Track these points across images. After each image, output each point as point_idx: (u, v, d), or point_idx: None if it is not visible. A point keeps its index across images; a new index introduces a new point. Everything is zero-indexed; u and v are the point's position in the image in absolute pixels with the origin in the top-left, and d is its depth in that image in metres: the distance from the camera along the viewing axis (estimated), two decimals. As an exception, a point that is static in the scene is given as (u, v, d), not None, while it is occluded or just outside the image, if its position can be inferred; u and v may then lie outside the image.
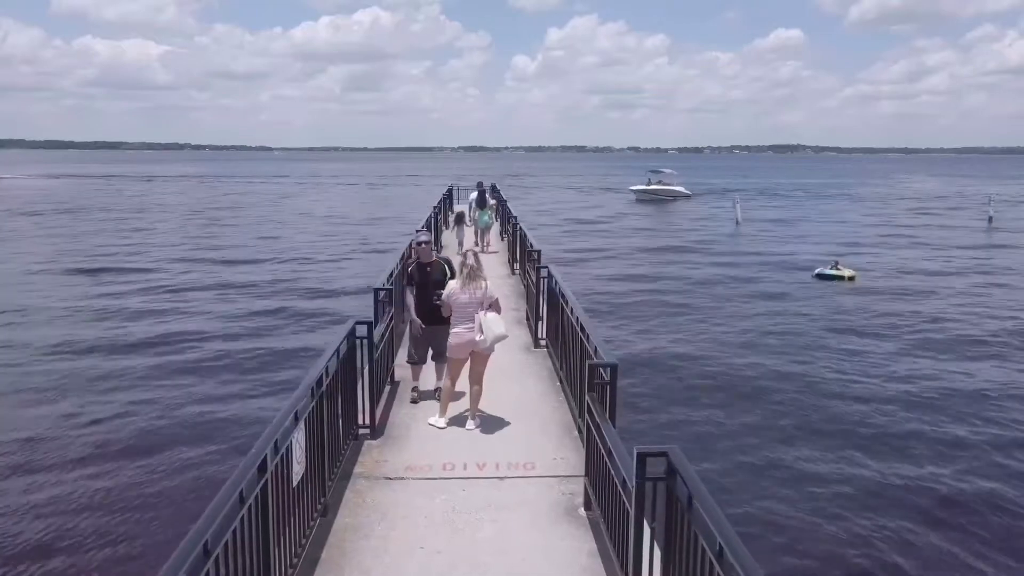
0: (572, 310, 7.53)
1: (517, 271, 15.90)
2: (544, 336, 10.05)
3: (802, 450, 12.31)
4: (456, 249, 16.52)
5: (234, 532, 3.32)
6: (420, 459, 6.52)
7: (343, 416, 6.19)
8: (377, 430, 7.06)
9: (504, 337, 7.33)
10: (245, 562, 3.51)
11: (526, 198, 66.35)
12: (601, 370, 5.43)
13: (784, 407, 14.33)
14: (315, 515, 5.14)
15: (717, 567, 2.96)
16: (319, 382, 5.26)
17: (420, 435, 7.10)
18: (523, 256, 14.48)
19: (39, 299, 23.73)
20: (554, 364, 9.00)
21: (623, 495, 4.26)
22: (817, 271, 28.64)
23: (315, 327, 20.00)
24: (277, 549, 4.07)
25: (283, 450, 4.19)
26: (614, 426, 5.00)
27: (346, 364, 6.34)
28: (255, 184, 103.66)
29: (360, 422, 6.90)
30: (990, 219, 51.36)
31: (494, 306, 7.36)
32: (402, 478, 6.17)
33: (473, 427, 7.21)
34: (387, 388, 8.27)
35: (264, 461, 3.81)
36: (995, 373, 16.62)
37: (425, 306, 7.93)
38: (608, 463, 4.68)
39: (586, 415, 5.53)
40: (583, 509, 5.59)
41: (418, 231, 11.77)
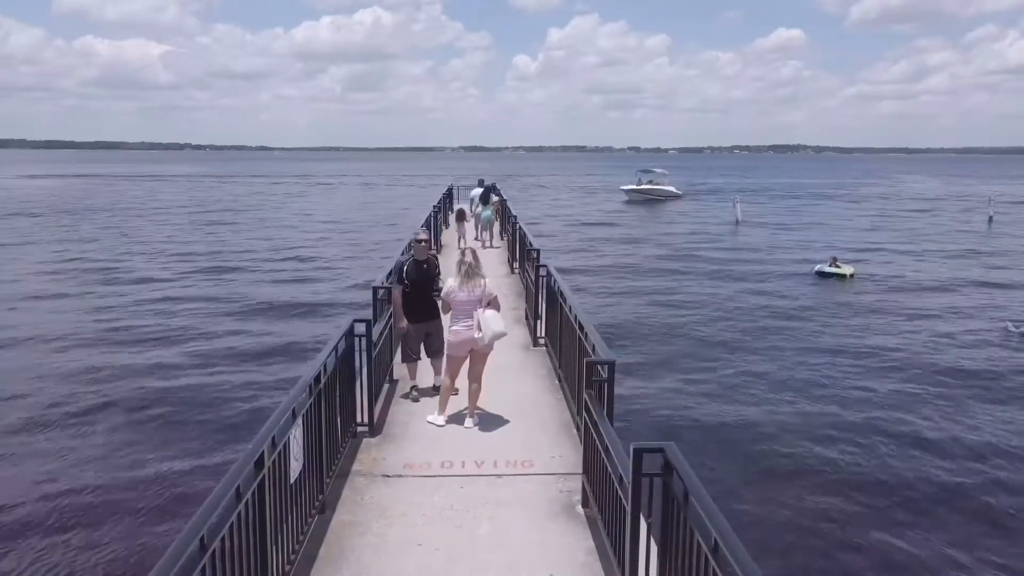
0: (571, 308, 7.53)
1: (516, 270, 15.92)
2: (543, 335, 10.05)
3: (798, 446, 12.36)
4: (457, 246, 16.55)
5: (231, 527, 3.32)
6: (418, 457, 6.53)
7: (341, 414, 6.19)
8: (375, 428, 7.06)
9: (503, 335, 7.32)
10: (242, 558, 3.52)
11: (521, 198, 66.25)
12: (599, 367, 5.44)
13: (781, 404, 14.37)
14: (313, 512, 5.14)
15: (712, 561, 2.97)
16: (317, 379, 5.27)
17: (418, 433, 7.11)
18: (522, 255, 14.50)
19: (40, 297, 23.74)
20: (553, 363, 9.01)
21: (620, 491, 4.26)
22: (816, 268, 28.68)
23: (316, 326, 20.00)
24: (274, 546, 4.07)
25: (280, 446, 4.20)
26: (612, 423, 5.01)
27: (344, 362, 6.34)
28: (255, 185, 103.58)
29: (358, 420, 6.90)
30: (990, 219, 51.38)
31: (493, 303, 7.36)
32: (400, 476, 6.18)
33: (472, 425, 7.21)
34: (386, 386, 8.28)
35: (261, 457, 3.81)
36: (994, 371, 16.62)
37: (421, 302, 7.95)
38: (605, 460, 4.69)
39: (584, 412, 5.53)
40: (581, 506, 5.60)
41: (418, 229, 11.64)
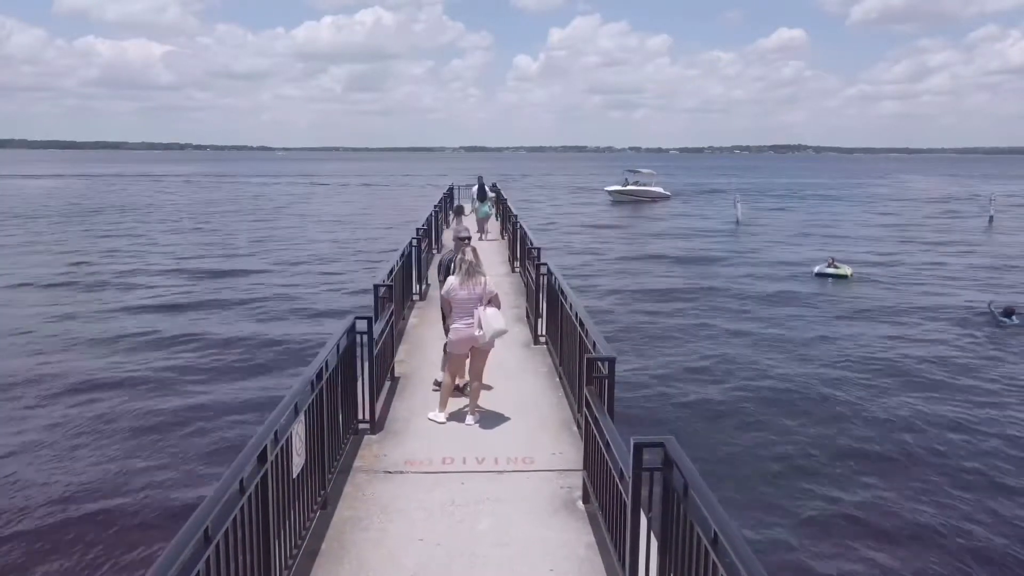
0: (571, 306, 7.55)
1: (517, 269, 15.94)
2: (544, 333, 10.07)
3: (796, 442, 12.46)
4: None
5: (234, 520, 3.35)
6: (419, 453, 6.56)
7: (343, 411, 6.22)
8: (377, 425, 7.08)
9: (503, 332, 7.34)
10: (245, 551, 3.54)
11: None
12: (599, 364, 5.46)
13: (778, 401, 14.47)
14: (315, 507, 5.17)
15: (712, 554, 2.99)
16: (319, 376, 5.30)
17: (420, 430, 7.13)
18: (523, 254, 14.52)
19: (40, 297, 23.79)
20: (553, 360, 9.02)
21: (620, 486, 4.28)
22: (816, 269, 28.73)
23: (316, 325, 20.04)
24: (277, 541, 4.10)
25: (283, 441, 4.22)
26: (612, 419, 5.03)
27: (346, 359, 6.36)
28: (255, 185, 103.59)
29: (360, 417, 6.93)
30: (991, 219, 51.39)
31: (493, 301, 7.38)
32: (401, 472, 6.20)
33: (472, 422, 7.23)
34: (387, 384, 8.30)
35: (264, 451, 3.84)
36: (992, 368, 16.65)
37: None
38: (606, 455, 4.71)
39: (584, 409, 5.56)
40: (581, 502, 5.62)
41: (458, 228, 10.83)
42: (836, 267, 28.24)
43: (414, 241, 13.37)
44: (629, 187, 66.96)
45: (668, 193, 69.96)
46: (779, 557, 8.84)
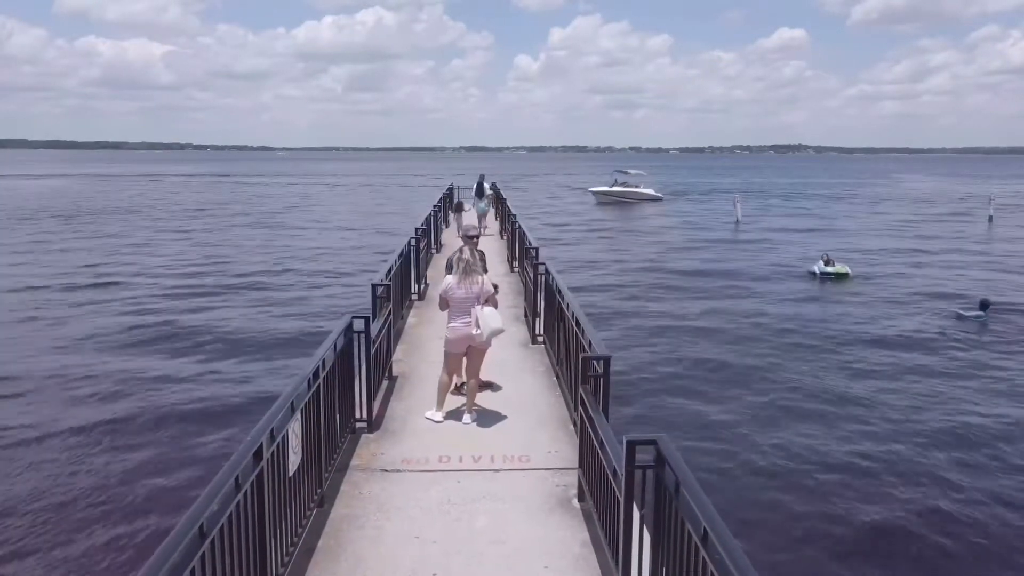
0: (568, 305, 7.58)
1: (516, 269, 15.97)
2: (542, 332, 10.10)
3: (789, 439, 12.50)
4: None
5: (230, 516, 3.37)
6: (416, 452, 6.58)
7: (340, 409, 6.25)
8: (374, 424, 7.11)
9: (501, 331, 7.35)
10: (241, 548, 3.57)
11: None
12: (595, 362, 5.50)
13: (774, 399, 14.49)
14: (312, 505, 5.20)
15: (702, 550, 3.02)
16: (316, 374, 5.32)
17: (417, 429, 7.16)
18: (522, 254, 14.55)
19: (38, 296, 23.83)
20: (551, 360, 9.05)
21: (614, 484, 4.31)
22: (814, 268, 28.75)
23: (315, 324, 20.05)
24: (273, 538, 4.13)
25: (279, 439, 4.25)
26: (607, 418, 5.07)
27: (343, 358, 6.39)
28: (256, 185, 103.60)
29: (357, 416, 6.96)
30: (990, 219, 51.40)
31: (491, 300, 7.40)
32: (398, 470, 6.23)
33: (469, 421, 7.26)
34: (385, 383, 8.33)
35: (260, 448, 3.86)
36: (990, 367, 16.67)
37: None
38: (600, 453, 4.74)
39: (580, 407, 5.59)
40: (576, 500, 5.65)
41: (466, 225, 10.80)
42: (832, 265, 28.25)
43: (413, 241, 13.40)
44: (616, 188, 64.40)
45: (659, 195, 67.08)
46: (769, 555, 8.87)
